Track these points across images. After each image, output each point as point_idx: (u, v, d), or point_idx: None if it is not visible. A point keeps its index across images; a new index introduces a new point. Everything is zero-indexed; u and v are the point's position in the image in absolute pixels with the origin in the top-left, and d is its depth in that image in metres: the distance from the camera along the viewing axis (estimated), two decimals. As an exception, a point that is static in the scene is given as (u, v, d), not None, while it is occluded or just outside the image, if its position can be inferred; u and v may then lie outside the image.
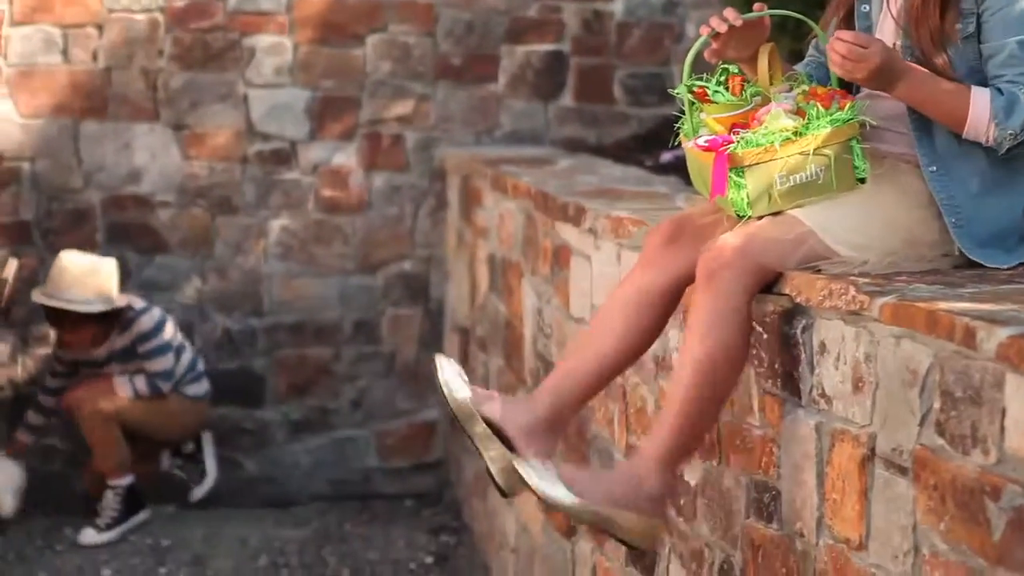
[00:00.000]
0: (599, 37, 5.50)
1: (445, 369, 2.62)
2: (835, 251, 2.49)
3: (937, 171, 2.53)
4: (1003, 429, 1.92)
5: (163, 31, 5.23)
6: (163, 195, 5.30)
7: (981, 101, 2.47)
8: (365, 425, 5.52)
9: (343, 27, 5.34)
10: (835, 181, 2.52)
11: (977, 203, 2.52)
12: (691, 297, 2.54)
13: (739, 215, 2.55)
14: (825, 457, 2.37)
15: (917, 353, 2.12)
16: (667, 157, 4.74)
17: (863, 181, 2.55)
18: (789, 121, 2.52)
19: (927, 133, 2.54)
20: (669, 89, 2.89)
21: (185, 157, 5.30)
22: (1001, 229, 2.53)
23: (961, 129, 2.49)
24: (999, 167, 2.54)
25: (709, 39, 2.60)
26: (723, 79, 2.66)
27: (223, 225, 5.35)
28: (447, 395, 2.60)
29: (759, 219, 2.53)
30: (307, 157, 5.37)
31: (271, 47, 5.30)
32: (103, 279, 4.85)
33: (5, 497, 5.03)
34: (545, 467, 2.52)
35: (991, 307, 2.09)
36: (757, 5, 2.60)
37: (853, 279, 2.35)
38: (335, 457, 5.50)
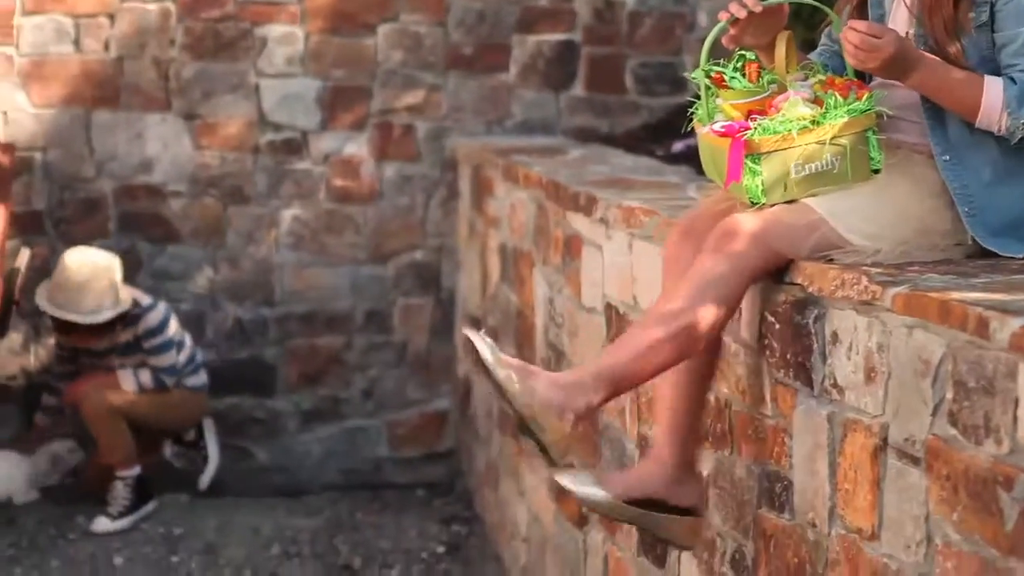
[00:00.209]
0: (610, 26, 5.49)
1: (573, 484, 2.57)
2: (847, 240, 2.49)
3: (950, 160, 2.52)
4: (1016, 419, 1.92)
5: (175, 21, 5.23)
6: (175, 185, 5.30)
7: (994, 90, 2.46)
8: (376, 415, 5.52)
9: (354, 17, 5.34)
10: (850, 171, 2.52)
11: (990, 192, 2.52)
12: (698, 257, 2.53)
13: (752, 202, 2.55)
14: (837, 447, 2.37)
15: (930, 343, 2.11)
16: (678, 147, 4.73)
17: (877, 172, 2.54)
18: (807, 109, 2.51)
19: (940, 122, 2.54)
20: (685, 73, 2.88)
21: (197, 147, 5.30)
22: (1014, 218, 2.53)
23: (974, 118, 2.48)
24: (1011, 156, 2.53)
25: (727, 25, 2.59)
26: (740, 65, 2.65)
27: (235, 215, 5.36)
28: (588, 506, 2.61)
29: (772, 207, 2.53)
30: (318, 147, 5.38)
31: (282, 37, 5.30)
32: (106, 285, 4.82)
33: (14, 486, 5.05)
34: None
35: (1004, 297, 2.08)
36: None
37: (865, 269, 2.35)
38: (346, 446, 5.51)
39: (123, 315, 4.91)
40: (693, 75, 2.66)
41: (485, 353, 2.47)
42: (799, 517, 2.49)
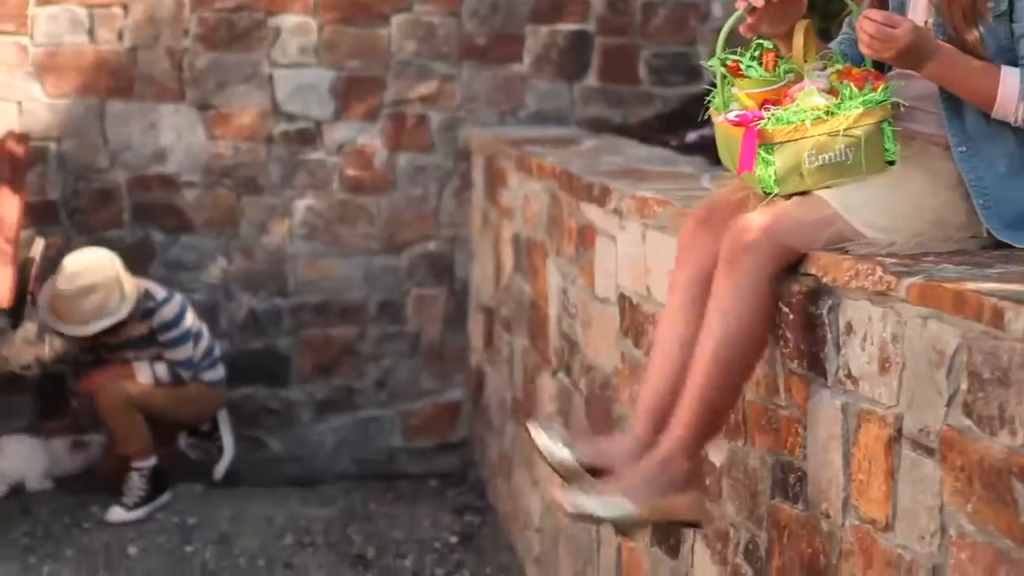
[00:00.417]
0: (624, 16, 5.48)
1: (540, 437, 2.60)
2: (862, 233, 2.47)
3: (966, 151, 2.51)
4: (1031, 410, 1.91)
5: (188, 11, 5.24)
6: (188, 175, 5.31)
7: (1011, 81, 2.45)
8: (390, 405, 5.53)
9: (368, 7, 5.34)
10: (864, 163, 2.51)
11: (1005, 184, 2.51)
12: (715, 275, 2.53)
13: (766, 192, 2.54)
14: (851, 438, 2.36)
15: (944, 334, 2.11)
16: (692, 137, 4.72)
17: (892, 163, 2.53)
18: (821, 100, 2.50)
19: (958, 113, 2.53)
20: (701, 62, 2.88)
21: (210, 137, 5.31)
22: (1030, 210, 2.51)
23: (990, 109, 2.47)
24: (1027, 148, 2.52)
25: (745, 13, 2.58)
26: (757, 54, 2.64)
27: (248, 205, 5.36)
28: (549, 462, 2.60)
29: (786, 198, 2.52)
30: (332, 137, 5.38)
31: (296, 27, 5.30)
32: (101, 297, 4.80)
33: (29, 471, 5.07)
34: (587, 492, 2.54)
35: (1019, 287, 2.08)
36: None
37: (880, 259, 2.34)
38: (360, 437, 5.52)
39: (133, 310, 4.92)
40: (709, 63, 2.66)
41: (592, 509, 2.50)
42: (813, 508, 2.49)
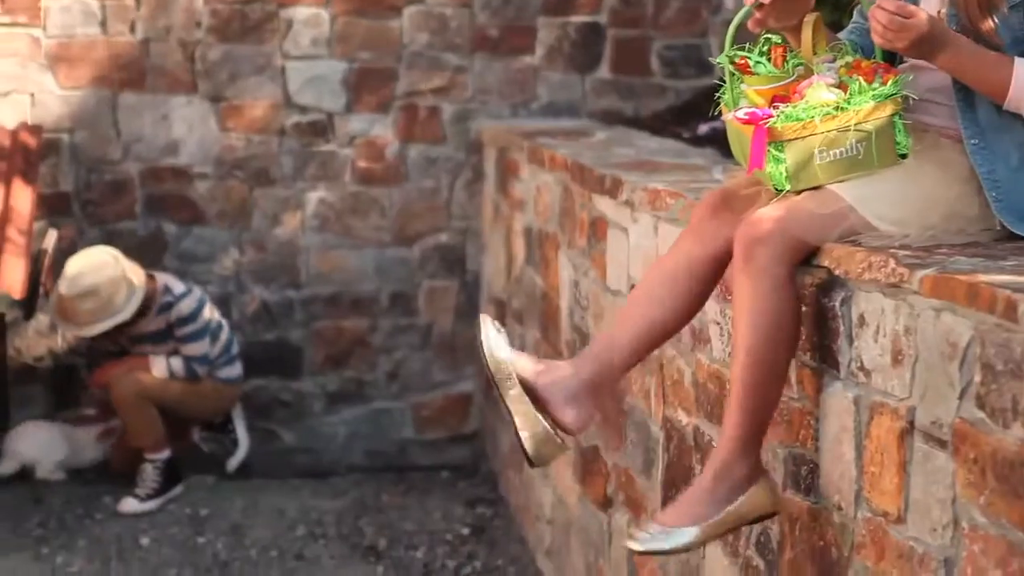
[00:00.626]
0: (636, 8, 5.47)
1: (488, 328, 2.60)
2: (874, 226, 2.47)
3: (979, 144, 2.50)
4: (1044, 402, 1.91)
5: (201, 3, 5.24)
6: (201, 167, 5.32)
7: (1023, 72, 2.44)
8: (401, 397, 5.54)
9: (380, -1, 5.35)
10: (876, 157, 2.50)
11: (1017, 176, 2.50)
12: (732, 274, 2.52)
13: (777, 189, 2.54)
14: (864, 430, 2.36)
15: (957, 326, 2.10)
16: (704, 129, 4.72)
17: (904, 157, 2.53)
18: (830, 95, 2.49)
19: (970, 106, 2.52)
20: (710, 58, 2.87)
21: (223, 129, 5.31)
22: (1042, 203, 2.50)
23: (1003, 100, 2.46)
24: (1040, 140, 2.51)
25: (752, 8, 2.58)
26: (765, 49, 2.63)
27: (260, 197, 5.37)
28: (486, 353, 2.58)
29: (798, 194, 2.52)
30: (344, 129, 5.38)
31: (308, 19, 5.30)
32: (106, 297, 4.81)
33: (43, 457, 5.08)
34: (652, 531, 2.52)
35: (1033, 280, 2.07)
36: None
37: (893, 252, 2.34)
38: (371, 428, 5.53)
39: (146, 304, 4.93)
40: (718, 60, 2.65)
41: (665, 547, 2.52)
42: (825, 500, 2.49)
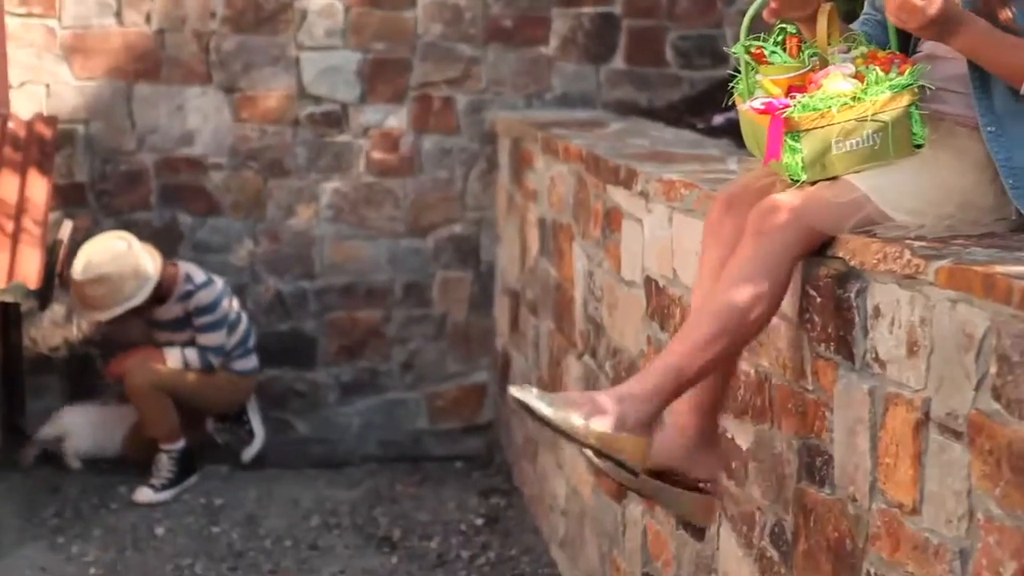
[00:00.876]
0: (651, -1, 5.47)
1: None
2: (890, 216, 2.46)
3: (995, 132, 2.49)
4: (1060, 394, 1.91)
5: (215, -6, 5.25)
6: (215, 157, 5.32)
7: (1042, 58, 2.43)
8: (415, 387, 5.54)
9: (394, -11, 5.34)
10: (892, 147, 2.49)
11: (1033, 165, 2.49)
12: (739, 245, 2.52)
13: (793, 180, 2.53)
14: (879, 421, 2.36)
15: (973, 317, 2.10)
16: (719, 120, 4.71)
17: (920, 147, 2.52)
18: (847, 85, 2.49)
19: (987, 93, 2.51)
20: (725, 48, 2.86)
21: (237, 120, 5.32)
22: (1058, 192, 2.50)
23: (1019, 84, 2.45)
24: (1056, 128, 2.50)
25: None
26: (780, 39, 2.63)
27: (275, 188, 5.38)
28: (610, 473, 2.53)
29: (813, 184, 2.51)
30: (358, 120, 5.38)
31: (322, 9, 5.31)
32: (117, 283, 4.83)
33: (74, 442, 5.10)
34: (544, 394, 2.47)
35: (1049, 271, 2.06)
36: None
37: (908, 242, 2.33)
38: (385, 419, 5.54)
39: (165, 291, 4.95)
40: (733, 50, 2.64)
41: (539, 407, 2.43)
42: (839, 491, 2.49)
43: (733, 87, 2.67)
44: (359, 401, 5.52)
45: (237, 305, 5.14)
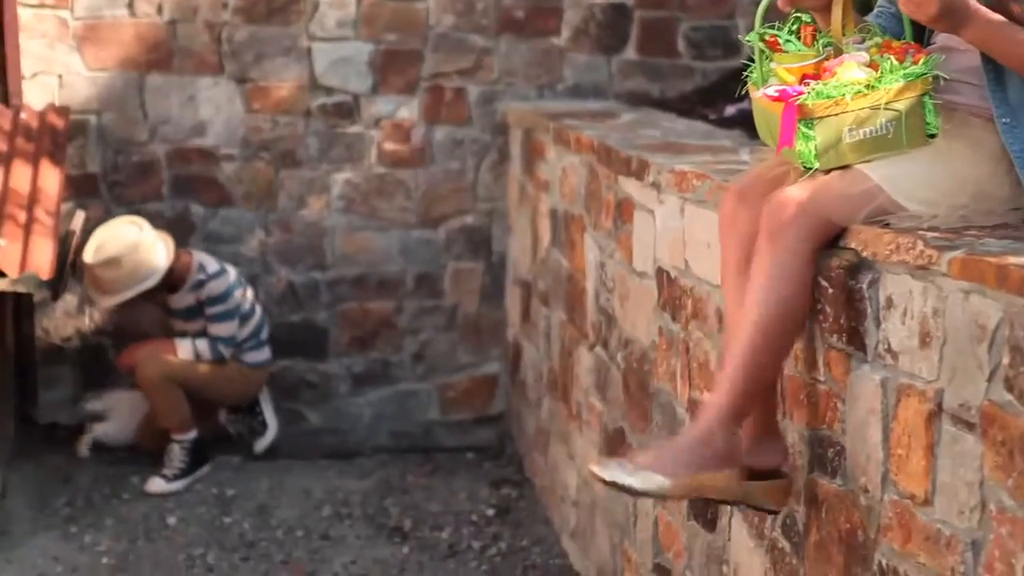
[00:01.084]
0: (663, -11, 5.46)
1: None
2: (903, 206, 2.46)
3: (1010, 123, 2.49)
4: (1074, 385, 1.90)
5: (227, -16, 5.25)
6: (227, 148, 5.33)
7: (1054, 49, 2.42)
8: (427, 378, 5.55)
9: (406, -20, 5.34)
10: (905, 136, 2.48)
11: (1046, 156, 2.48)
12: (756, 248, 2.52)
13: (806, 167, 2.53)
14: (891, 412, 2.35)
15: (986, 308, 2.09)
16: (731, 111, 4.70)
17: (933, 137, 2.51)
18: (861, 74, 2.48)
19: (1001, 85, 2.50)
20: (739, 38, 2.85)
21: (249, 110, 5.32)
22: (1071, 183, 2.49)
23: (1030, 73, 2.45)
24: (1068, 119, 2.49)
25: None
26: (795, 28, 2.63)
27: (286, 178, 5.38)
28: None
29: (826, 172, 2.51)
30: (370, 111, 5.38)
31: (334, 0, 5.30)
32: (130, 267, 4.84)
33: (110, 425, 5.13)
34: (622, 464, 2.52)
35: (1063, 262, 2.06)
36: None
37: (921, 233, 2.33)
38: (397, 410, 5.54)
39: (178, 279, 4.96)
40: (748, 38, 2.64)
41: (629, 482, 2.48)
42: (851, 483, 2.48)
43: (747, 76, 2.67)
44: (371, 392, 5.53)
45: (251, 296, 5.15)
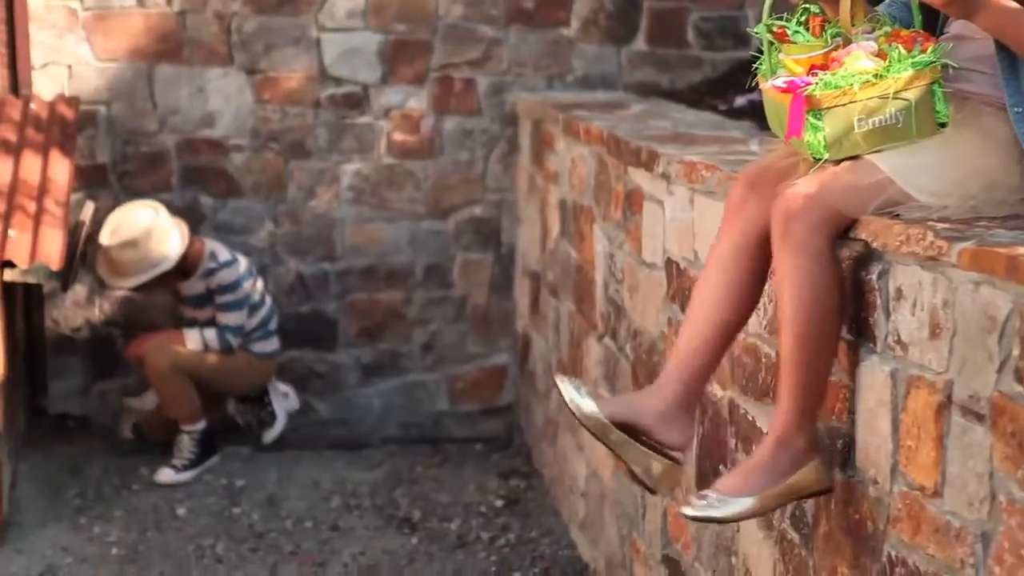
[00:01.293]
0: (673, -20, 5.45)
1: (567, 390, 2.58)
2: (913, 197, 2.44)
3: (1022, 112, 2.47)
4: (1084, 376, 1.89)
5: (236, -25, 5.25)
6: (236, 139, 5.33)
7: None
8: (436, 369, 5.55)
9: (415, -30, 5.33)
10: (915, 126, 2.48)
11: (1058, 146, 2.47)
12: (772, 248, 2.51)
13: (815, 158, 2.52)
14: (900, 404, 2.35)
15: (996, 299, 2.09)
16: (740, 101, 4.70)
17: (944, 126, 2.50)
18: (870, 63, 2.47)
19: (1014, 74, 2.49)
20: (748, 30, 2.85)
21: (258, 101, 5.32)
22: (1083, 173, 2.48)
23: (1044, 62, 2.43)
24: (1082, 108, 2.48)
25: None
26: (803, 19, 2.62)
27: (296, 169, 5.38)
28: (577, 414, 2.57)
29: (836, 163, 2.50)
30: (379, 101, 5.38)
31: (344, -9, 5.30)
32: (143, 250, 4.85)
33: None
34: (706, 498, 2.52)
35: (1073, 253, 2.05)
36: None
37: (931, 224, 2.32)
38: (406, 400, 5.54)
39: (191, 265, 4.97)
40: (756, 30, 2.63)
41: (719, 514, 2.51)
42: (860, 474, 2.48)
43: (756, 68, 2.66)
44: (379, 383, 5.53)
45: (261, 287, 5.15)
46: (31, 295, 5.20)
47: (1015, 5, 2.43)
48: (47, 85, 5.15)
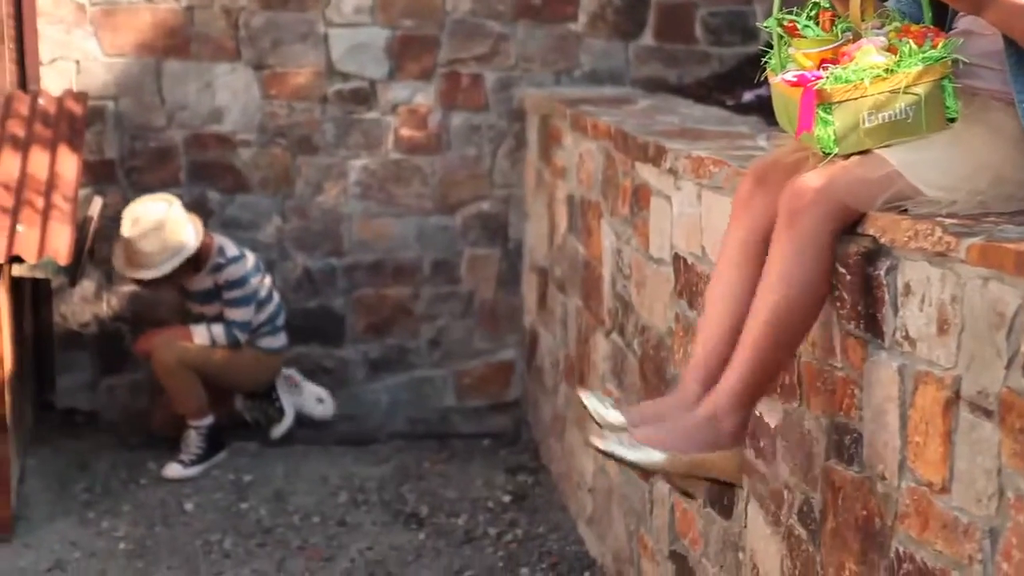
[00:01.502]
0: (681, -25, 5.44)
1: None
2: (922, 192, 2.44)
3: (1031, 107, 2.47)
4: (1093, 372, 1.89)
5: (244, -30, 5.25)
6: (244, 134, 5.33)
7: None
8: (443, 364, 5.55)
9: (423, -34, 5.33)
10: (925, 121, 2.47)
11: (1067, 141, 2.47)
12: (774, 234, 2.51)
13: (825, 152, 2.52)
14: (908, 400, 2.35)
15: (1005, 295, 2.08)
16: (748, 97, 4.69)
17: (953, 121, 2.50)
18: (880, 58, 2.47)
19: (1023, 70, 2.48)
20: (756, 24, 2.85)
21: (266, 96, 5.32)
22: (1092, 168, 2.47)
23: (1054, 57, 2.43)
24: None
25: None
26: (814, 13, 2.62)
27: (303, 164, 5.38)
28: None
29: (845, 157, 2.50)
30: (386, 96, 5.38)
31: (351, -14, 5.30)
32: (161, 241, 4.86)
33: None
34: (621, 439, 2.53)
35: (1082, 248, 2.04)
36: None
37: (939, 220, 2.32)
38: (413, 396, 5.55)
39: (200, 259, 4.98)
40: (766, 24, 2.63)
41: (627, 455, 2.50)
42: (868, 470, 2.48)
43: (765, 62, 2.66)
44: (387, 378, 5.53)
45: (269, 283, 5.16)
46: (39, 290, 5.21)
47: None
48: (55, 80, 5.15)
